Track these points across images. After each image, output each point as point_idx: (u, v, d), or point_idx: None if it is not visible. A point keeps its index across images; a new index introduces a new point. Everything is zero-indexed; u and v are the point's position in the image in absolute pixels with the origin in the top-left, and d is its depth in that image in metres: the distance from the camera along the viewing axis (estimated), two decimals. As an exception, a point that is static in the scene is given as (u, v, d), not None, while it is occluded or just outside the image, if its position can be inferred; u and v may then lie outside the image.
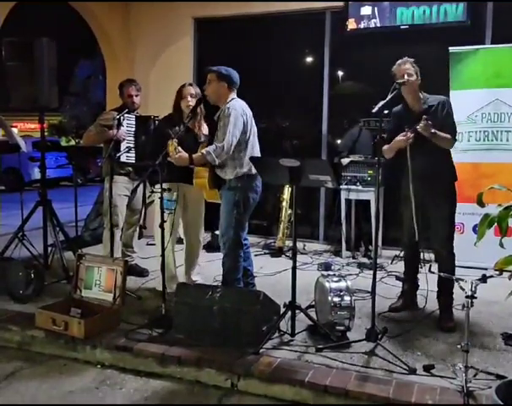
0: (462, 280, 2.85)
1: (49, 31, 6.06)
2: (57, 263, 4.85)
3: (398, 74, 3.70)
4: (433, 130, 3.53)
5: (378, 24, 5.80)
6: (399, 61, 3.78)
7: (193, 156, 3.73)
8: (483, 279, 2.81)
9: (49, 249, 5.02)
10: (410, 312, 3.98)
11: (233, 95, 3.86)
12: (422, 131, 3.54)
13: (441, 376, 2.91)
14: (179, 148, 3.69)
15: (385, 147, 3.82)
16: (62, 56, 5.35)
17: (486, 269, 4.44)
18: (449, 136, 3.65)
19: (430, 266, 3.48)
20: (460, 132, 5.23)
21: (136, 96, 4.78)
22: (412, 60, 3.76)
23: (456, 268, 3.83)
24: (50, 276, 4.65)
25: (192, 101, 4.13)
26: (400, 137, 3.67)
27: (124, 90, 4.78)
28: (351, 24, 5.87)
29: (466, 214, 5.14)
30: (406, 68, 3.70)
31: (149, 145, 4.44)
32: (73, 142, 27.46)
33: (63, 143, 25.24)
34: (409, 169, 3.65)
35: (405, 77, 3.65)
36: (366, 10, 5.82)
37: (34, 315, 3.64)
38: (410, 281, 4.07)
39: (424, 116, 3.51)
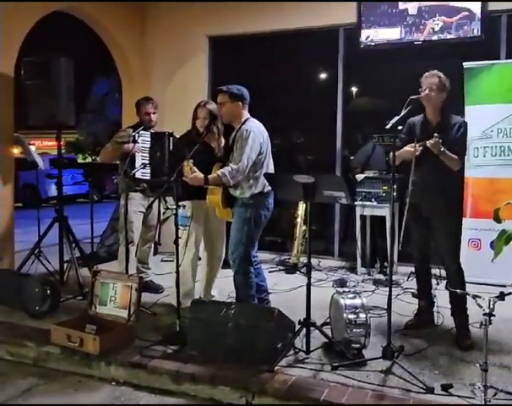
0: (479, 297, 2.80)
1: (67, 50, 6.18)
2: (73, 279, 4.89)
3: (423, 86, 3.73)
4: (442, 149, 3.53)
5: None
6: (427, 73, 3.78)
7: (209, 176, 3.74)
8: (501, 296, 2.76)
9: (65, 265, 5.07)
10: (426, 329, 3.91)
11: (246, 113, 3.89)
12: (431, 147, 3.54)
13: (459, 396, 2.86)
14: (194, 168, 3.71)
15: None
16: (80, 74, 5.45)
17: (504, 286, 4.39)
18: (456, 157, 3.64)
19: (447, 282, 3.45)
20: (476, 147, 5.21)
21: (153, 113, 4.84)
22: (441, 74, 3.75)
23: (473, 285, 3.78)
24: (65, 292, 4.67)
25: (205, 122, 4.16)
26: (408, 148, 3.68)
27: (141, 108, 4.83)
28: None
29: (483, 230, 5.08)
30: (431, 82, 3.71)
31: (164, 161, 4.48)
32: (89, 159, 27.81)
33: (80, 160, 25.56)
34: (409, 182, 3.65)
35: (427, 91, 3.67)
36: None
37: (49, 331, 3.65)
38: (424, 297, 4.02)
39: (435, 133, 3.52)
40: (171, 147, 4.53)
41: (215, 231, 4.40)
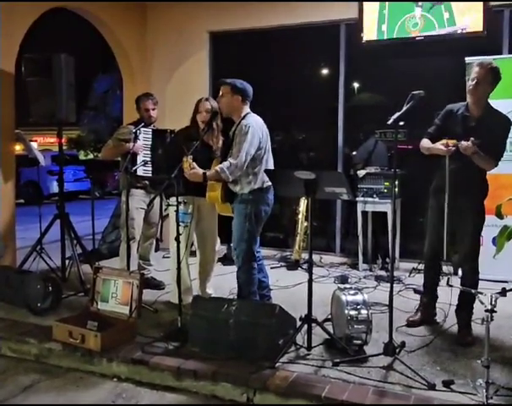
0: (481, 293, 2.80)
1: (68, 47, 6.18)
2: (75, 276, 4.89)
3: (472, 75, 3.61)
4: (475, 152, 3.42)
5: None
6: (478, 62, 3.67)
7: (207, 172, 3.74)
8: (503, 292, 2.75)
9: (66, 261, 5.08)
10: (428, 326, 3.91)
11: (247, 108, 3.88)
12: (464, 151, 3.45)
13: (461, 392, 2.86)
14: (194, 164, 3.71)
15: (425, 142, 3.73)
16: (81, 71, 5.44)
17: (506, 282, 4.38)
18: (490, 159, 3.53)
19: (448, 279, 3.44)
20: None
21: (153, 109, 4.82)
22: (494, 64, 3.62)
23: (475, 281, 3.76)
24: (67, 288, 4.69)
25: (206, 117, 4.16)
26: (440, 146, 3.57)
27: (141, 104, 4.82)
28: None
29: (485, 226, 5.04)
30: (480, 74, 3.56)
31: (166, 158, 4.47)
32: (91, 156, 27.83)
33: (81, 157, 25.58)
34: (446, 180, 3.54)
35: (474, 82, 3.56)
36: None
37: (51, 328, 3.66)
38: (429, 293, 4.00)
39: (472, 138, 3.40)
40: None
41: (208, 229, 4.41)
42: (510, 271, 4.82)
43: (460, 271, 3.95)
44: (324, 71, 6.85)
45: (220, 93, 3.89)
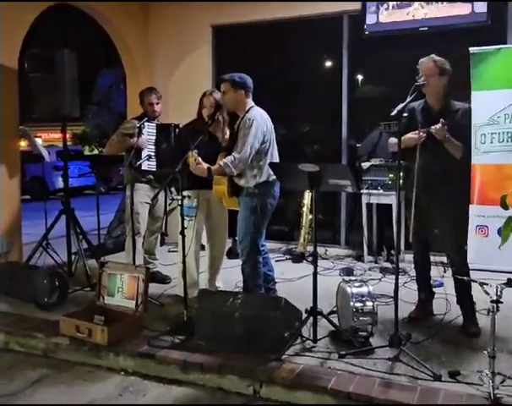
0: (487, 284, 2.79)
1: (72, 42, 6.20)
2: (81, 271, 4.91)
3: (420, 73, 3.63)
4: (447, 135, 3.45)
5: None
6: (422, 59, 3.68)
7: (212, 168, 3.74)
8: (509, 283, 2.75)
9: (73, 257, 5.10)
10: (433, 318, 3.90)
11: (250, 100, 3.88)
12: (436, 134, 3.46)
13: (467, 383, 2.86)
14: (199, 159, 3.70)
15: (392, 140, 3.76)
16: (85, 66, 5.44)
17: (511, 272, 4.36)
18: (460, 144, 3.56)
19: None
20: (483, 133, 5.15)
21: (157, 103, 4.82)
22: (437, 58, 3.64)
23: (481, 272, 3.75)
24: (73, 283, 4.71)
25: (211, 111, 4.14)
26: (411, 135, 3.58)
27: (145, 99, 4.82)
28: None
29: (490, 217, 5.03)
30: (426, 68, 3.61)
31: (170, 153, 4.48)
32: (96, 151, 27.87)
33: (86, 152, 25.62)
34: (415, 170, 3.53)
35: (423, 78, 3.58)
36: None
37: (58, 323, 3.69)
38: (424, 289, 3.97)
39: (442, 119, 3.42)
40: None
41: (218, 222, 4.41)
42: (516, 262, 4.80)
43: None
44: (328, 63, 6.82)
45: (222, 90, 3.89)
